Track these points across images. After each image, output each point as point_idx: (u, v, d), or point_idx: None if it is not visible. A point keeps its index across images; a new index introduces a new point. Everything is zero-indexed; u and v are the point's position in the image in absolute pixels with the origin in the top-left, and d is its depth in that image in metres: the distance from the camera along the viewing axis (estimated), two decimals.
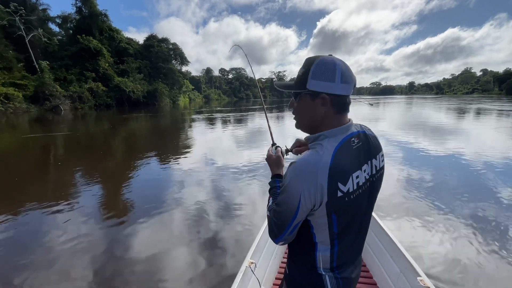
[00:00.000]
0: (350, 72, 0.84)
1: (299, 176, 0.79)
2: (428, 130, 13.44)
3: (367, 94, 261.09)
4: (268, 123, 1.58)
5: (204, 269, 2.95)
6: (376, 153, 0.92)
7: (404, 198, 4.84)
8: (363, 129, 0.92)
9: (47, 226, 3.99)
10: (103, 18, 41.70)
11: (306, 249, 0.90)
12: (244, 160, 7.66)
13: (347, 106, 0.87)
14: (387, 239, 2.19)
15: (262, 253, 2.18)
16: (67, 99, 29.73)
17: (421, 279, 1.68)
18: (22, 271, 2.94)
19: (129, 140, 12.41)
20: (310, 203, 0.79)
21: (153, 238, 3.64)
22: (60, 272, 2.93)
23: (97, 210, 4.56)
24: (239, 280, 1.70)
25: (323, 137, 0.85)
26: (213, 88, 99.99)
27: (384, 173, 0.97)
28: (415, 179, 5.84)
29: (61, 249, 3.36)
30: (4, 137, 12.90)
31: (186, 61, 55.70)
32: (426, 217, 4.09)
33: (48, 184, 6.16)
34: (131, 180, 6.22)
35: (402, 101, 60.85)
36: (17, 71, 30.53)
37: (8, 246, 3.46)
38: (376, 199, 0.96)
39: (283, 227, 0.85)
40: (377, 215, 2.48)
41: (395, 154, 8.24)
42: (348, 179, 0.80)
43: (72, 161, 8.22)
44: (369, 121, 17.74)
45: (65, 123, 19.12)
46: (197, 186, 5.65)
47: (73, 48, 36.78)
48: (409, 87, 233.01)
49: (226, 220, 4.09)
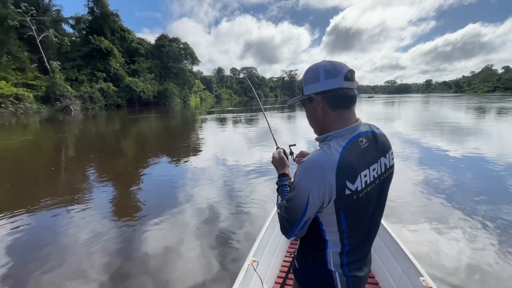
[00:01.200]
0: (336, 66, 0.86)
1: (308, 175, 0.83)
2: (446, 130, 12.64)
3: (381, 92, 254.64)
4: (270, 129, 1.59)
5: (208, 266, 2.98)
6: (385, 151, 0.93)
7: (419, 199, 4.65)
8: (371, 129, 0.94)
9: (62, 223, 4.06)
10: (115, 18, 41.66)
11: (317, 246, 0.93)
12: (252, 160, 7.58)
13: (344, 98, 0.87)
14: (389, 239, 2.18)
15: (264, 251, 2.20)
16: (78, 99, 29.63)
17: (424, 279, 1.66)
18: (40, 265, 3.00)
19: (138, 141, 11.93)
20: (318, 201, 0.82)
21: (162, 235, 3.66)
22: (76, 267, 2.99)
23: (111, 208, 4.63)
24: (241, 278, 1.70)
25: (331, 137, 0.88)
26: (224, 88, 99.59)
27: (394, 171, 0.97)
28: (432, 180, 5.57)
29: (76, 245, 3.43)
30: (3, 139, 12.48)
31: (197, 61, 55.15)
32: (442, 220, 3.90)
33: (61, 183, 6.17)
34: (140, 180, 6.23)
35: (418, 99, 58.60)
36: (30, 71, 30.79)
37: (26, 242, 3.55)
38: (386, 198, 0.97)
39: (294, 223, 0.89)
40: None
41: (410, 154, 7.89)
42: (356, 178, 0.82)
43: (82, 161, 8.17)
44: (384, 121, 16.91)
45: (74, 124, 18.75)
46: (205, 185, 5.64)
47: (85, 49, 36.89)
48: (426, 85, 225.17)
49: (232, 218, 4.12)
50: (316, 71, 0.88)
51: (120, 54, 40.71)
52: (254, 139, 11.66)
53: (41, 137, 13.10)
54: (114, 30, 42.15)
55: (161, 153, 9.07)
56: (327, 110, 0.89)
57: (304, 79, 0.92)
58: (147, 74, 43.29)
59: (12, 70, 29.30)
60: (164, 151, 9.60)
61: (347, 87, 0.85)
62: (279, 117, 22.19)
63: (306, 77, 0.91)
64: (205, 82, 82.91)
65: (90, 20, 40.74)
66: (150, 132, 15.04)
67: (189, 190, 5.32)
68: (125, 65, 41.61)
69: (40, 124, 18.56)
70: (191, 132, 14.55)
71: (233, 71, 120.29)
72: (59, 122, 20.11)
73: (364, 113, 23.81)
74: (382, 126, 14.55)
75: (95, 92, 32.44)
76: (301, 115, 22.80)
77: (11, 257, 3.20)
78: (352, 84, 0.86)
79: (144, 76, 42.38)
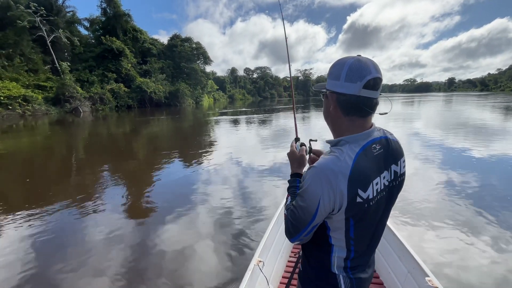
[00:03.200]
0: (362, 69, 0.78)
1: (319, 181, 0.79)
2: (471, 131, 11.88)
3: (400, 91, 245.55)
4: (294, 117, 1.52)
5: (216, 266, 3.03)
6: (397, 159, 0.90)
7: (443, 202, 4.49)
8: (385, 135, 0.90)
9: (80, 221, 4.21)
10: (127, 18, 41.26)
11: (322, 250, 0.91)
12: (265, 162, 7.49)
13: (358, 107, 0.81)
14: (394, 239, 2.16)
15: (269, 251, 2.22)
16: (87, 101, 29.14)
17: (430, 279, 1.64)
18: (61, 262, 3.15)
19: (149, 144, 11.09)
20: (329, 207, 0.79)
21: (176, 234, 3.74)
22: (95, 262, 3.13)
23: (125, 208, 4.75)
24: (247, 278, 1.70)
25: (344, 142, 0.84)
26: (238, 88, 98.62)
27: (405, 178, 0.95)
28: (455, 182, 5.41)
29: (95, 241, 3.60)
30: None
31: (209, 60, 54.06)
32: (468, 224, 3.72)
33: (77, 183, 6.27)
34: (153, 182, 6.25)
35: (441, 98, 55.77)
36: (43, 73, 30.74)
37: (47, 239, 3.69)
38: (393, 204, 0.95)
39: (300, 229, 0.86)
40: None
41: (432, 156, 7.56)
42: (368, 186, 0.80)
43: (94, 163, 8.19)
44: (403, 121, 15.93)
45: (77, 127, 17.96)
46: (216, 185, 5.70)
47: (97, 49, 36.67)
48: (448, 84, 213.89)
49: (244, 218, 4.14)
50: (340, 68, 0.81)
51: (132, 55, 40.29)
52: (269, 139, 11.29)
53: (39, 140, 12.19)
54: (127, 30, 41.82)
55: (175, 155, 9.05)
56: (339, 113, 0.85)
57: (329, 71, 0.86)
58: (159, 74, 42.67)
59: (25, 72, 29.35)
60: (177, 151, 9.54)
61: (365, 96, 0.79)
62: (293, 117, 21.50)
63: (331, 70, 0.86)
64: (218, 82, 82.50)
65: (103, 21, 40.65)
66: (162, 135, 14.15)
67: (202, 191, 5.38)
68: (137, 65, 41.19)
69: (40, 128, 17.85)
70: (202, 135, 13.26)
71: (246, 71, 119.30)
72: (64, 124, 19.43)
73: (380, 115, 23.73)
74: (401, 126, 13.94)
75: (106, 93, 31.95)
76: (314, 116, 21.42)
77: (36, 253, 3.36)
78: (372, 93, 0.79)
79: (156, 76, 41.77)
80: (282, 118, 21.58)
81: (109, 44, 35.53)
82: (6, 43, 28.09)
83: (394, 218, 3.82)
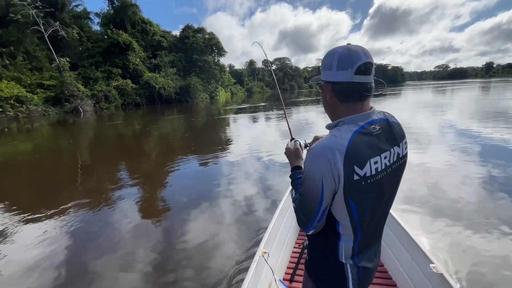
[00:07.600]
0: (351, 56, 0.80)
1: (316, 160, 0.81)
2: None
3: (430, 78, 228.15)
4: (286, 119, 1.55)
5: (224, 257, 3.06)
6: (399, 140, 0.91)
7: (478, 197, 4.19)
8: (386, 117, 0.92)
9: (103, 219, 4.29)
10: (134, 9, 38.73)
11: (329, 239, 0.92)
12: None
13: (353, 93, 0.84)
14: (398, 228, 2.16)
15: (274, 243, 2.21)
16: (90, 99, 26.97)
17: (434, 266, 1.64)
18: (89, 253, 3.30)
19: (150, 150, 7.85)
20: (332, 185, 0.80)
21: (193, 227, 3.83)
22: (121, 255, 3.23)
23: (140, 206, 4.74)
24: (253, 269, 1.72)
25: (342, 123, 0.86)
26: (256, 81, 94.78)
27: (407, 160, 0.95)
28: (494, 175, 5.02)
29: (120, 235, 3.71)
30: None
31: (223, 52, 50.66)
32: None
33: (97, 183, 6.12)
34: (166, 183, 5.84)
35: (477, 85, 49.65)
36: (48, 71, 29.06)
37: (77, 235, 3.80)
38: (398, 187, 0.95)
39: (312, 215, 0.87)
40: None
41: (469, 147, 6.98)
42: (365, 163, 0.80)
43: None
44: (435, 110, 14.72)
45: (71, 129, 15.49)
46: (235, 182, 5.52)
47: (104, 44, 34.56)
48: (486, 69, 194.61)
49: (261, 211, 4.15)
50: (331, 58, 0.84)
51: (141, 48, 37.90)
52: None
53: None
54: (135, 22, 39.46)
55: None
56: (335, 101, 0.88)
57: (322, 63, 0.89)
58: (169, 68, 40.00)
59: (29, 70, 27.77)
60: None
61: (358, 81, 0.81)
62: (314, 110, 20.21)
63: (324, 61, 0.88)
64: (236, 75, 79.38)
65: (111, 14, 38.51)
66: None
67: (217, 188, 5.27)
68: (147, 59, 38.79)
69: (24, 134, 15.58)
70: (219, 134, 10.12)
71: (265, 62, 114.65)
72: (56, 127, 17.14)
73: (409, 103, 22.40)
74: (433, 114, 13.50)
75: (111, 90, 29.71)
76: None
77: (65, 250, 3.43)
78: (365, 78, 0.82)
79: (166, 71, 39.08)
80: (303, 111, 18.79)
81: (115, 38, 33.20)
82: (9, 41, 26.56)
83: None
